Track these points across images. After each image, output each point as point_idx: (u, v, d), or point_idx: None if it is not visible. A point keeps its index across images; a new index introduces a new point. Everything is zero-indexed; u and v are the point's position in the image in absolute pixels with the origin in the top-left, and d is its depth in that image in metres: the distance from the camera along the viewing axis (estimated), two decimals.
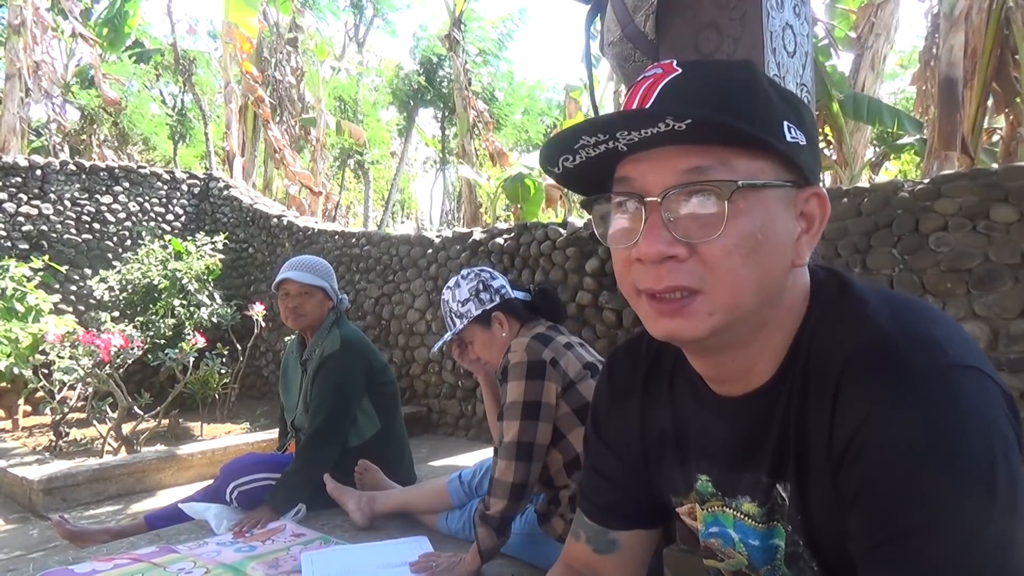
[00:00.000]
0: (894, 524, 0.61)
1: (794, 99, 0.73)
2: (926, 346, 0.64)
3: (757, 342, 0.73)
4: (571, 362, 1.93)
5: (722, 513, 0.84)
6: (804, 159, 0.70)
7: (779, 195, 0.69)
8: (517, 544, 2.03)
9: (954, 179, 3.59)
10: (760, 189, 0.67)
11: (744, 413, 0.77)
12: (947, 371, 0.62)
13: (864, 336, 0.67)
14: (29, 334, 5.96)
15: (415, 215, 28.36)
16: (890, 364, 0.64)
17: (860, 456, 0.64)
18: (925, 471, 0.60)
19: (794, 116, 0.70)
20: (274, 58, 12.98)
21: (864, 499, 0.64)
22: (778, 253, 0.69)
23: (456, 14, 12.93)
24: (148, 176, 8.23)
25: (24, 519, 3.97)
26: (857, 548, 0.65)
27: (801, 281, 0.74)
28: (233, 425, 6.21)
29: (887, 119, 7.42)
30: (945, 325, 0.68)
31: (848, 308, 0.72)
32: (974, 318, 3.45)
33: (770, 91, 0.70)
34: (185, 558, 2.16)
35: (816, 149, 0.73)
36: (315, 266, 2.76)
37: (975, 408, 0.61)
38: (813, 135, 0.73)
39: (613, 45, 1.70)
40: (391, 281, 6.38)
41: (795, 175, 0.70)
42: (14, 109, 9.58)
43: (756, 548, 0.82)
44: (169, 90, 18.65)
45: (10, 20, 9.87)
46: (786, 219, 0.69)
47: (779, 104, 0.70)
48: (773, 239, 0.68)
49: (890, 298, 0.72)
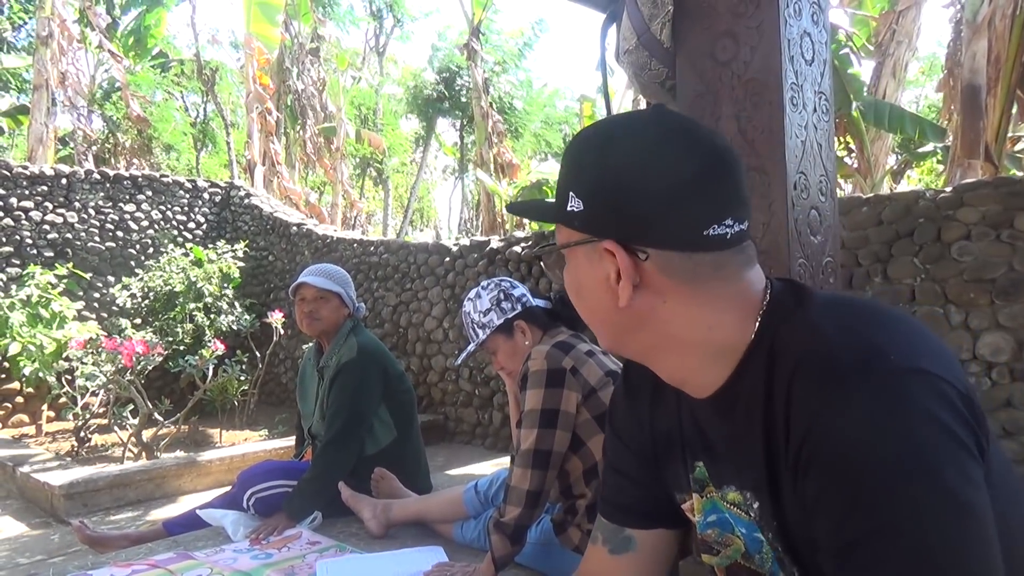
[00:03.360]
0: (846, 533, 0.62)
1: (583, 164, 0.79)
2: (866, 352, 0.66)
3: (663, 358, 0.82)
4: (592, 369, 1.92)
5: (718, 500, 0.86)
6: (580, 223, 0.79)
7: (583, 251, 0.80)
8: (532, 554, 2.02)
9: (977, 187, 3.54)
10: (567, 248, 0.82)
11: (712, 412, 0.82)
12: (888, 376, 0.63)
13: (809, 345, 0.70)
14: (53, 340, 6.05)
15: (434, 223, 28.45)
16: (830, 372, 0.66)
17: (811, 466, 0.66)
18: (870, 478, 0.61)
19: (580, 184, 0.78)
20: (295, 68, 13.12)
21: (820, 508, 0.65)
22: (595, 296, 0.81)
23: (475, 24, 12.99)
24: (170, 185, 8.34)
25: (46, 524, 4.01)
26: (823, 557, 0.66)
27: (682, 309, 0.77)
28: (252, 432, 6.25)
29: (909, 127, 7.34)
30: (893, 330, 0.69)
31: (799, 318, 0.74)
32: (998, 328, 3.40)
33: (572, 161, 0.80)
34: (202, 564, 2.17)
35: (602, 207, 0.77)
36: (331, 273, 2.79)
37: (919, 411, 0.61)
38: (599, 194, 0.77)
39: (629, 53, 1.70)
40: (409, 289, 6.40)
41: (586, 235, 0.79)
42: (41, 119, 9.74)
43: (746, 536, 0.84)
44: (191, 100, 18.90)
45: (38, 32, 10.05)
46: (593, 269, 0.79)
47: (572, 177, 0.80)
48: (586, 286, 0.81)
49: (842, 306, 0.75)
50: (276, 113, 12.29)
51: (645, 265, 0.76)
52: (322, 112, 13.57)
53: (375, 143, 15.35)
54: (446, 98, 16.89)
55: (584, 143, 0.80)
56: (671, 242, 0.76)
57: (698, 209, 0.75)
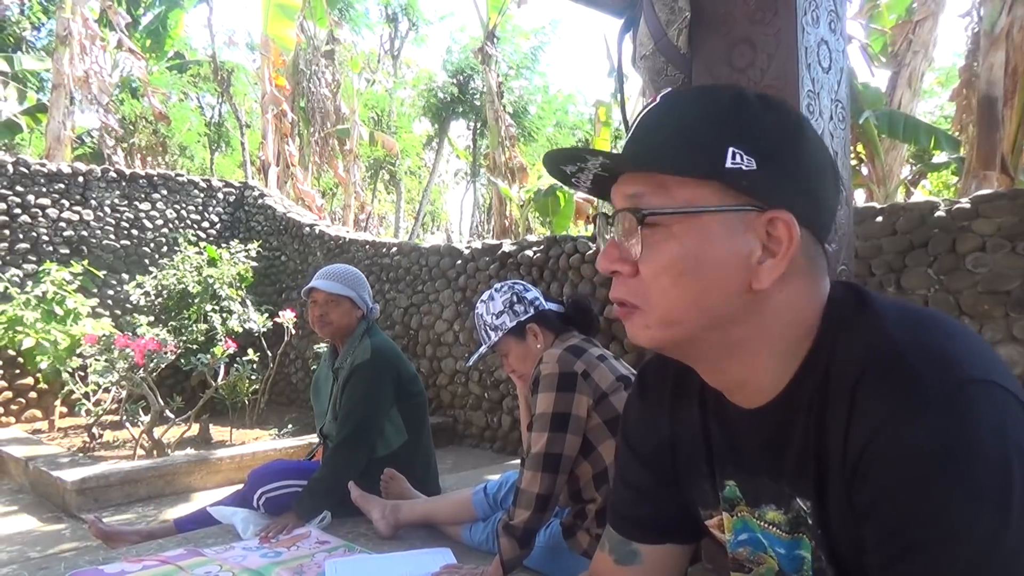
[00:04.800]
0: (903, 539, 0.61)
1: (763, 122, 0.71)
2: (940, 360, 0.63)
3: (738, 358, 0.74)
4: (604, 374, 1.92)
5: (750, 519, 0.83)
6: (749, 184, 0.69)
7: (722, 219, 0.69)
8: (541, 557, 2.02)
9: (993, 199, 3.51)
10: (694, 215, 0.69)
11: (760, 424, 0.77)
12: (961, 385, 0.61)
13: (878, 350, 0.67)
14: (67, 337, 6.10)
15: (445, 226, 28.49)
16: (902, 377, 0.64)
17: (872, 469, 0.64)
18: (936, 486, 0.59)
19: (747, 141, 0.69)
20: (310, 70, 13.19)
21: (876, 513, 0.64)
22: (721, 276, 0.70)
23: (490, 28, 13.02)
24: (185, 184, 8.41)
25: (57, 518, 4.04)
26: (871, 562, 0.65)
27: (794, 300, 0.73)
28: (262, 431, 6.28)
29: (923, 137, 7.29)
30: (963, 340, 0.67)
31: (864, 322, 0.71)
32: (1012, 341, 3.37)
33: (728, 117, 0.71)
34: (211, 561, 2.18)
35: (781, 170, 0.70)
36: (344, 275, 2.78)
37: (989, 422, 0.60)
38: (780, 155, 0.71)
39: (645, 59, 1.70)
40: (420, 291, 6.41)
41: (748, 199, 0.70)
42: (59, 118, 9.83)
43: (783, 556, 0.81)
44: (207, 100, 19.04)
45: (57, 31, 10.15)
46: (732, 243, 0.69)
47: (730, 130, 0.70)
48: (712, 262, 0.69)
49: (908, 312, 0.71)
50: (291, 115, 12.36)
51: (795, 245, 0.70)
52: (335, 114, 13.63)
53: (388, 146, 15.40)
54: (460, 101, 16.94)
55: (747, 99, 0.72)
56: (818, 223, 0.72)
57: (834, 193, 0.73)
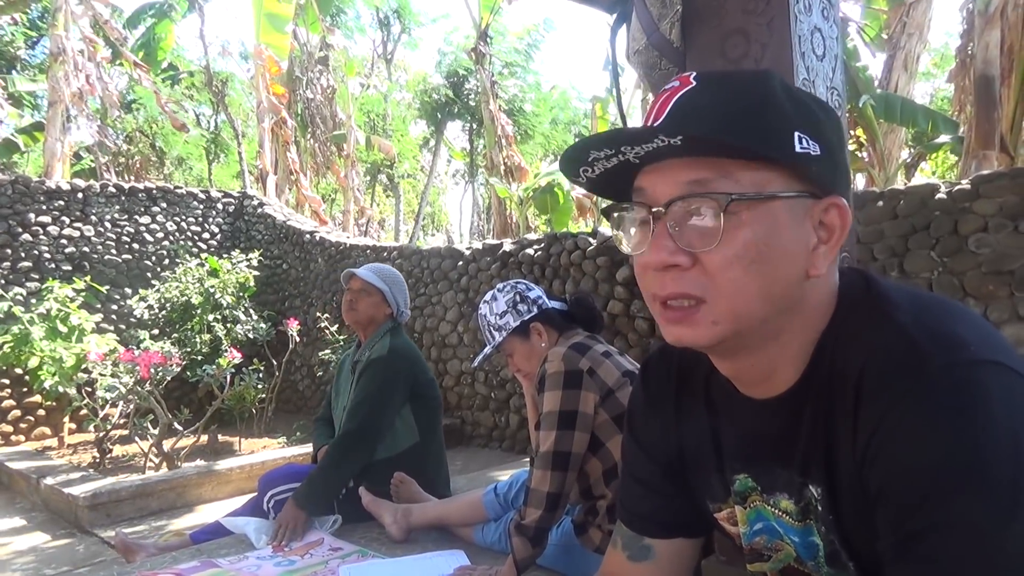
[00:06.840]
0: (913, 522, 0.60)
1: (813, 109, 0.72)
2: (948, 342, 0.64)
3: (775, 347, 0.74)
4: (609, 370, 1.92)
5: (763, 508, 0.83)
6: (818, 169, 0.69)
7: (788, 205, 0.69)
8: (553, 555, 2.02)
9: (993, 179, 3.51)
10: (765, 200, 0.67)
11: (773, 415, 0.77)
12: (969, 367, 0.61)
13: (885, 335, 0.67)
14: (73, 354, 6.11)
15: (445, 228, 28.50)
16: (910, 362, 0.64)
17: (881, 453, 0.64)
18: (945, 469, 0.59)
19: (809, 126, 0.70)
20: (305, 77, 13.20)
21: (886, 497, 0.64)
22: (787, 263, 0.69)
23: (482, 27, 13.00)
24: (184, 196, 8.42)
25: (70, 534, 4.05)
26: (882, 546, 0.64)
27: (825, 286, 0.73)
28: (270, 440, 6.29)
29: (921, 120, 7.29)
30: (970, 322, 0.67)
31: (871, 308, 0.71)
32: (1017, 321, 3.36)
33: (784, 102, 0.70)
34: (225, 572, 2.19)
35: (837, 158, 0.72)
36: (384, 272, 2.88)
37: (998, 403, 0.60)
38: (834, 144, 0.72)
39: (639, 53, 1.70)
40: (423, 294, 6.42)
41: (809, 185, 0.70)
42: (56, 135, 9.84)
43: (798, 544, 0.81)
44: (202, 111, 19.05)
45: (51, 49, 10.15)
46: (797, 229, 0.69)
47: (792, 115, 0.70)
48: (780, 249, 0.68)
49: (915, 297, 0.71)
50: (292, 122, 12.37)
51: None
52: (332, 120, 13.63)
53: (385, 149, 15.40)
54: (455, 102, 16.93)
55: (788, 84, 0.73)
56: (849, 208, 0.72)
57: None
